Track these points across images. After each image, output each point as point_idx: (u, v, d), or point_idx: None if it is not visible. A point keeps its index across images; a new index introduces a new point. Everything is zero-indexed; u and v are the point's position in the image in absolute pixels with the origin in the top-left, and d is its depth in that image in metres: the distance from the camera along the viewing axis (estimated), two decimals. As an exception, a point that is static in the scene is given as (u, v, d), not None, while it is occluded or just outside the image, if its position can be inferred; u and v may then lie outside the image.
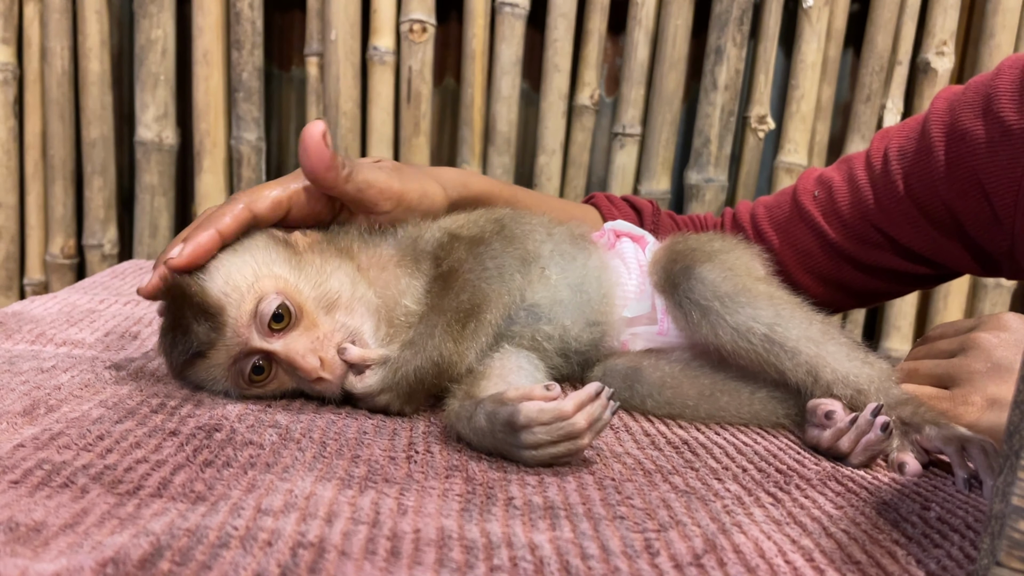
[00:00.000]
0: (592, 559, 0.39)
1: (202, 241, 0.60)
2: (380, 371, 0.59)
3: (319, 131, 0.61)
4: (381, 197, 0.66)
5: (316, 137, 0.61)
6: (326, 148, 0.61)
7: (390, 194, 0.67)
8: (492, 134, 1.54)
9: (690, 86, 1.61)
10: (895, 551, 0.43)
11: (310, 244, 0.63)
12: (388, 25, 1.51)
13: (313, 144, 0.61)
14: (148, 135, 1.52)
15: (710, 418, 0.66)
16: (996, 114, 0.73)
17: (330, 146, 0.62)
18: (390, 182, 0.67)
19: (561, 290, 0.68)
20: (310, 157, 0.61)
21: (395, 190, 0.67)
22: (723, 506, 0.47)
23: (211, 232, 0.60)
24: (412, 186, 0.69)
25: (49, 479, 0.43)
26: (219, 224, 0.61)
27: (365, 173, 0.65)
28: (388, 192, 0.67)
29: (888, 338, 1.65)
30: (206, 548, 0.36)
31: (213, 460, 0.48)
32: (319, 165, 0.62)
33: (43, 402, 0.55)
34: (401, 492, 0.45)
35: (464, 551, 0.38)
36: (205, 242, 0.60)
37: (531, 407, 0.50)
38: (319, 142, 0.61)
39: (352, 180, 0.64)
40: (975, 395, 0.64)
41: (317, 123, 0.61)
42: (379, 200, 0.66)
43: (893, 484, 0.54)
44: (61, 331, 0.76)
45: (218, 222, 0.61)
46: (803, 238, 0.90)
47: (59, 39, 1.50)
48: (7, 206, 1.56)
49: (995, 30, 1.54)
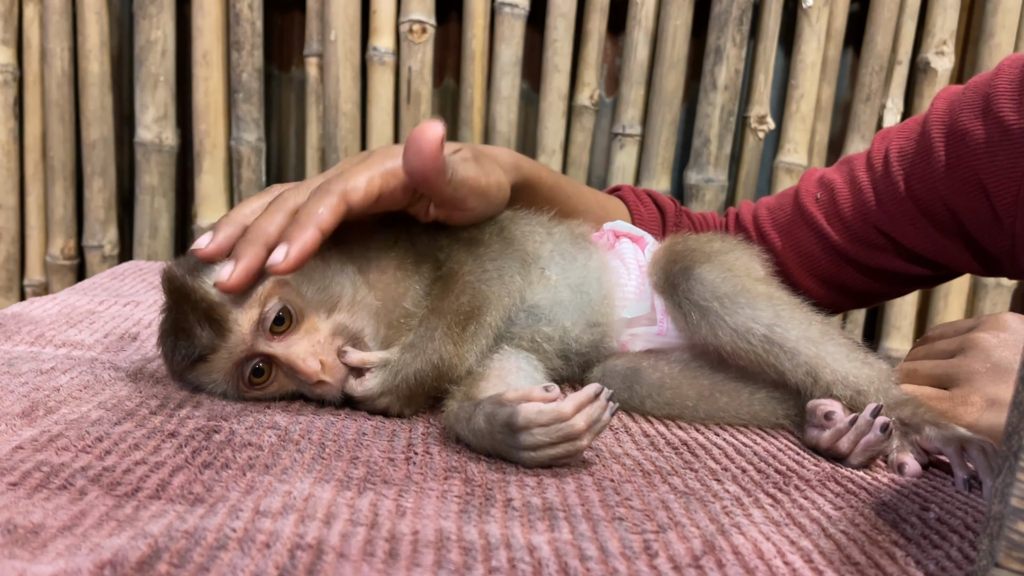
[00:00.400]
0: (591, 560, 0.39)
1: (307, 244, 0.55)
2: (380, 374, 0.59)
3: (438, 136, 0.56)
4: (472, 194, 0.63)
5: (435, 143, 0.56)
6: (442, 154, 0.57)
7: (479, 190, 0.64)
8: (492, 134, 1.55)
9: (690, 86, 1.61)
10: (894, 552, 0.43)
11: (310, 246, 0.63)
12: (388, 26, 1.51)
13: (431, 150, 0.56)
14: (148, 136, 1.53)
15: (709, 419, 0.66)
16: (996, 114, 0.73)
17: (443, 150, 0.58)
18: (479, 178, 0.63)
19: (561, 291, 0.68)
20: (425, 162, 0.57)
21: (483, 185, 0.64)
22: (722, 507, 0.47)
23: (314, 232, 0.56)
24: (492, 179, 0.66)
25: (48, 481, 0.43)
26: (320, 221, 0.56)
27: (461, 172, 0.61)
28: (477, 188, 0.63)
29: (888, 338, 1.65)
30: (204, 550, 0.36)
31: (212, 462, 0.48)
32: (433, 172, 0.57)
33: (42, 404, 0.55)
34: (400, 493, 0.45)
35: (462, 552, 0.38)
36: (310, 245, 0.56)
37: (530, 408, 0.50)
38: (437, 148, 0.57)
39: (453, 181, 0.60)
40: (974, 395, 0.64)
41: (436, 126, 0.56)
42: (469, 197, 0.63)
43: (892, 485, 0.54)
44: (60, 332, 0.76)
45: (318, 219, 0.56)
46: (805, 240, 0.90)
47: (59, 40, 1.51)
48: (7, 207, 1.56)
49: (995, 30, 1.54)
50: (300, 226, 0.56)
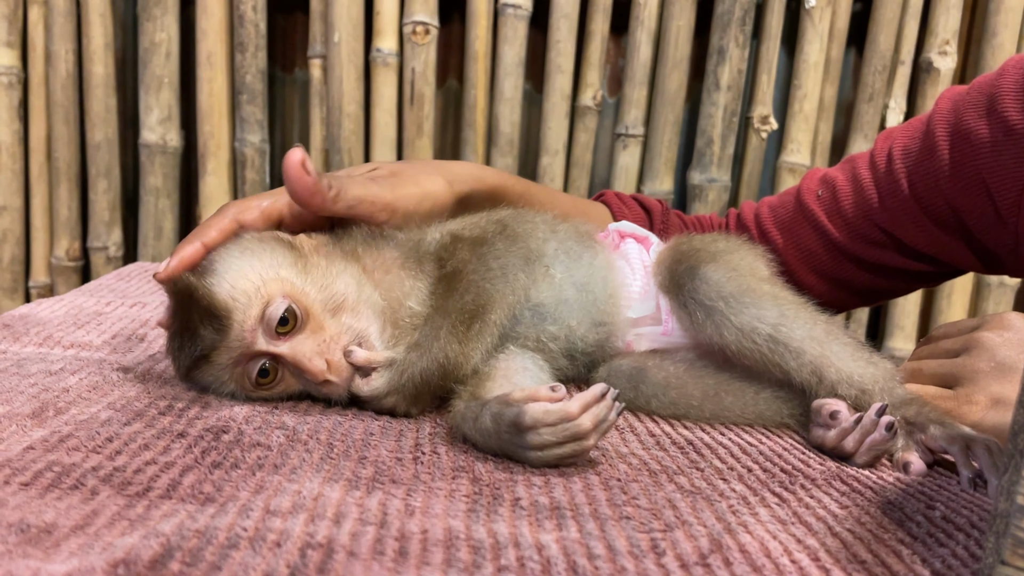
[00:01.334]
0: (598, 559, 0.39)
1: (185, 255, 0.62)
2: (386, 373, 0.60)
3: (297, 159, 0.61)
4: (374, 209, 0.66)
5: (296, 165, 0.60)
6: (307, 175, 0.61)
7: (381, 206, 0.66)
8: (495, 135, 1.55)
9: (693, 86, 1.61)
10: (900, 550, 0.43)
11: (316, 247, 0.64)
12: (391, 27, 1.51)
13: (294, 172, 0.61)
14: (152, 138, 1.53)
15: (715, 418, 0.66)
16: (1000, 114, 0.73)
17: (311, 172, 0.61)
18: (381, 194, 0.66)
19: (566, 289, 0.68)
20: (293, 185, 0.61)
21: (387, 201, 0.67)
22: (728, 506, 0.47)
23: (196, 245, 0.63)
24: (407, 191, 0.68)
25: (59, 481, 0.43)
26: (204, 237, 0.63)
27: (355, 190, 0.65)
28: (379, 204, 0.66)
29: (892, 337, 1.65)
30: (216, 549, 0.37)
31: (221, 462, 0.48)
32: (303, 193, 0.62)
33: (52, 404, 0.56)
34: (408, 493, 0.45)
35: (471, 551, 0.39)
36: (189, 257, 0.62)
37: (536, 408, 0.50)
38: (299, 170, 0.60)
39: (341, 199, 0.64)
40: (979, 394, 0.64)
41: (295, 151, 0.61)
42: (373, 212, 0.66)
43: (898, 483, 0.54)
44: (68, 334, 0.76)
45: (204, 235, 0.63)
46: (807, 238, 0.90)
47: (63, 42, 1.51)
48: (12, 209, 1.57)
49: (997, 29, 1.54)
50: (185, 242, 0.64)
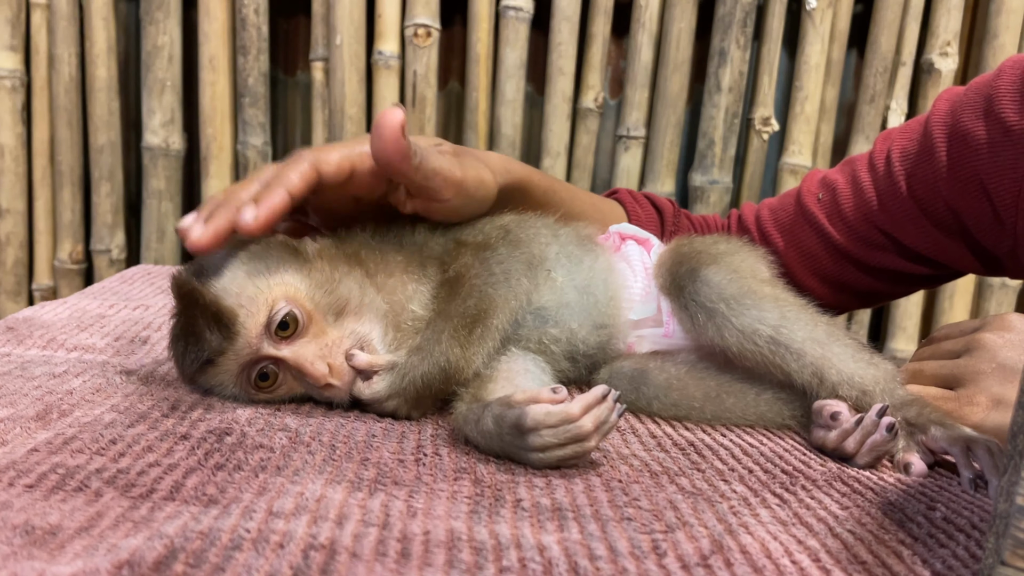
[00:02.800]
0: (600, 560, 0.39)
1: (276, 204, 0.57)
2: (388, 377, 0.60)
3: (398, 121, 0.58)
4: (445, 185, 0.65)
5: (395, 127, 0.58)
6: (404, 138, 0.59)
7: (453, 182, 0.65)
8: (497, 137, 1.55)
9: (694, 88, 1.61)
10: (901, 551, 0.43)
11: (319, 251, 0.64)
12: (393, 30, 1.52)
13: (391, 134, 0.58)
14: (155, 141, 1.53)
15: (716, 420, 0.66)
16: (997, 115, 0.73)
17: (407, 135, 0.59)
18: (454, 170, 0.65)
19: (568, 292, 0.68)
20: (386, 146, 0.58)
21: (458, 178, 0.65)
22: (729, 507, 0.47)
23: (282, 193, 0.58)
24: (471, 174, 0.67)
25: (63, 483, 0.43)
26: (289, 184, 0.58)
27: (433, 161, 0.63)
28: (452, 180, 0.65)
29: (894, 339, 1.65)
30: (219, 550, 0.37)
31: (224, 463, 0.48)
32: (395, 155, 0.59)
33: (56, 407, 0.56)
34: (410, 494, 0.46)
35: (474, 552, 0.39)
36: (279, 205, 0.57)
37: (538, 410, 0.51)
38: (397, 132, 0.58)
39: (421, 169, 0.62)
40: (980, 396, 0.64)
41: (396, 111, 0.58)
42: (443, 188, 0.65)
43: (899, 484, 0.54)
44: (72, 336, 0.76)
45: (287, 182, 0.58)
46: (807, 240, 0.90)
47: (66, 46, 1.51)
48: (15, 212, 1.57)
49: (999, 30, 1.54)
50: (270, 189, 0.58)
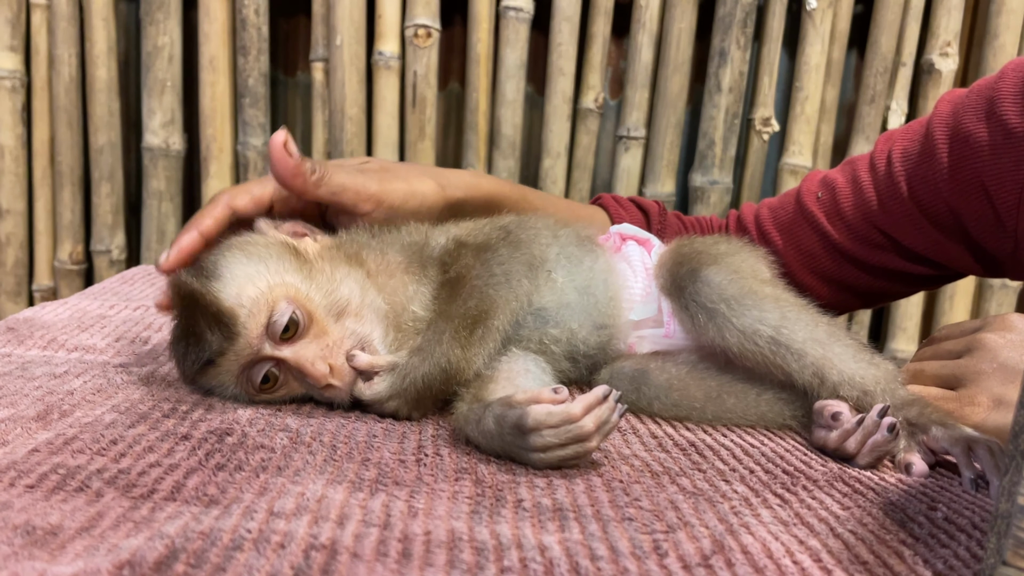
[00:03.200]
0: (601, 560, 0.39)
1: (184, 245, 0.64)
2: (388, 377, 0.60)
3: (280, 140, 0.63)
4: (358, 199, 0.67)
5: (278, 146, 0.63)
6: (288, 156, 0.63)
7: (366, 196, 0.67)
8: (497, 138, 1.55)
9: (694, 89, 1.61)
10: (902, 551, 0.43)
11: (320, 251, 0.64)
12: (393, 30, 1.52)
13: (276, 153, 0.63)
14: (155, 141, 1.53)
15: (717, 420, 0.66)
16: (999, 117, 0.73)
17: (294, 154, 0.63)
18: (367, 184, 0.67)
19: (568, 293, 0.68)
20: (275, 166, 0.64)
21: (371, 192, 0.68)
22: (731, 507, 0.47)
23: (192, 234, 0.65)
24: (394, 187, 0.69)
25: (64, 483, 0.43)
26: (200, 226, 0.65)
27: (340, 177, 0.66)
28: (364, 194, 0.67)
29: (894, 339, 1.65)
30: (220, 550, 0.37)
31: (225, 464, 0.48)
32: (284, 173, 0.64)
33: (56, 407, 0.56)
34: (411, 495, 0.46)
35: (475, 552, 0.39)
36: (187, 245, 0.64)
37: (539, 410, 0.51)
38: (280, 151, 0.63)
39: (325, 184, 0.65)
40: (981, 396, 0.64)
41: (279, 133, 0.64)
42: (357, 202, 0.67)
43: (900, 485, 0.54)
44: (72, 337, 0.76)
45: (199, 224, 0.65)
46: (807, 239, 0.90)
47: (66, 46, 1.51)
48: (16, 212, 1.57)
49: (999, 31, 1.54)
50: (184, 231, 0.65)
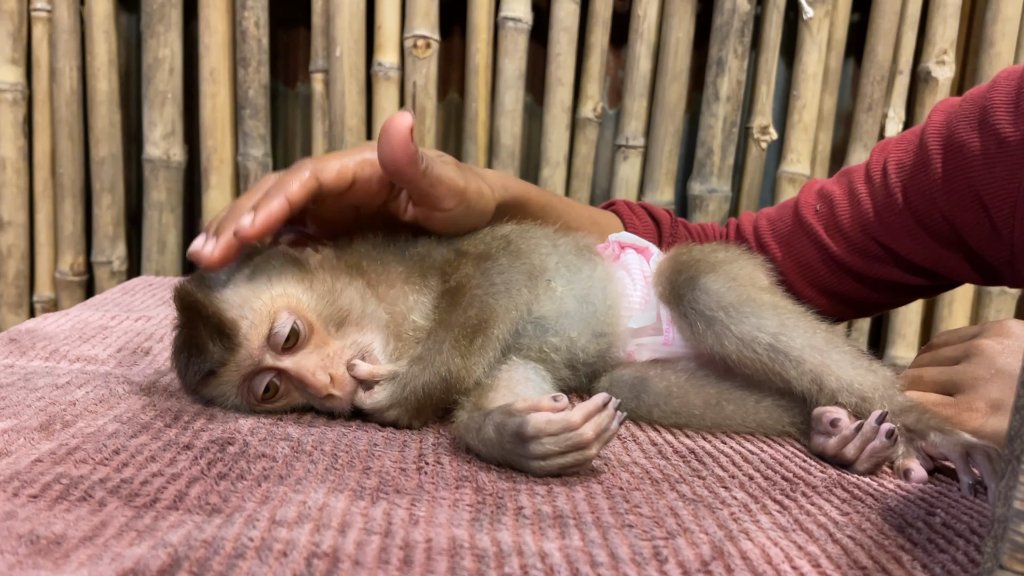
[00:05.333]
0: (602, 566, 0.39)
1: (273, 211, 0.58)
2: (389, 387, 0.60)
3: (407, 125, 0.59)
4: (448, 194, 0.65)
5: (404, 131, 0.59)
6: (412, 143, 0.59)
7: (456, 191, 0.66)
8: (496, 147, 1.56)
9: (692, 97, 1.62)
10: (900, 556, 0.43)
11: (321, 261, 0.64)
12: (392, 41, 1.52)
13: (399, 138, 0.59)
14: (156, 153, 1.54)
15: (716, 427, 0.66)
16: (992, 126, 0.73)
17: (415, 140, 0.60)
18: (457, 179, 0.66)
19: (567, 302, 0.68)
20: (394, 149, 0.59)
21: (460, 187, 0.66)
22: (730, 513, 0.48)
23: (281, 200, 0.59)
24: (473, 185, 0.68)
25: (67, 493, 0.44)
26: (288, 192, 0.59)
27: (437, 169, 0.64)
28: (455, 189, 0.65)
29: (893, 346, 1.65)
30: (223, 559, 0.37)
31: (227, 473, 0.48)
32: (403, 159, 0.60)
33: (59, 417, 0.56)
34: (412, 503, 0.46)
35: (476, 560, 0.39)
36: (276, 211, 0.59)
37: (539, 418, 0.51)
38: (406, 136, 0.59)
39: (427, 175, 0.62)
40: (979, 401, 0.65)
41: (405, 115, 0.59)
42: (446, 196, 0.65)
43: (898, 490, 0.55)
44: (74, 347, 0.77)
45: (287, 189, 0.59)
46: (805, 251, 0.91)
47: (67, 59, 1.52)
48: (17, 224, 1.58)
49: (995, 39, 1.55)
50: (269, 196, 0.59)
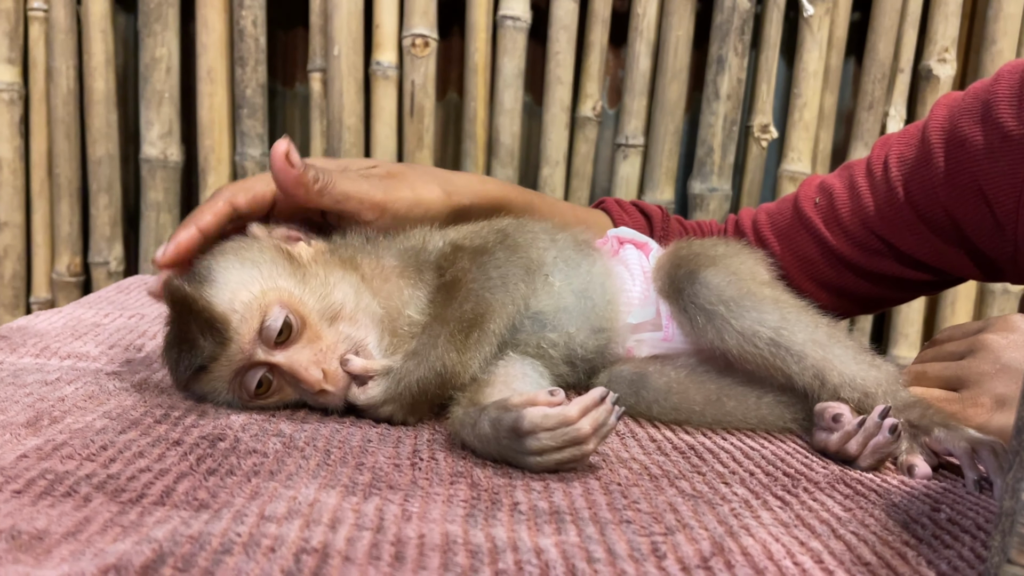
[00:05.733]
0: (598, 563, 0.38)
1: (182, 240, 0.63)
2: (383, 382, 0.59)
3: (282, 150, 0.62)
4: (362, 208, 0.66)
5: (280, 156, 0.62)
6: (290, 167, 0.62)
7: (371, 205, 0.66)
8: (495, 147, 1.55)
9: (692, 96, 1.61)
10: (905, 552, 0.42)
11: (314, 255, 0.63)
12: (390, 40, 1.52)
13: (278, 163, 0.62)
14: (153, 152, 1.53)
15: (717, 423, 0.65)
16: (995, 120, 0.73)
17: (296, 163, 0.62)
18: (372, 193, 0.66)
19: (565, 297, 0.68)
20: (276, 175, 0.62)
21: (376, 200, 0.66)
22: (730, 509, 0.47)
23: (191, 230, 0.63)
24: (400, 195, 0.68)
25: (52, 488, 0.43)
26: (199, 221, 0.63)
27: (343, 185, 0.65)
28: (369, 203, 0.66)
29: (896, 345, 1.64)
30: (209, 554, 0.36)
31: (217, 468, 0.47)
32: (286, 183, 0.62)
33: (47, 413, 0.55)
34: (406, 498, 0.45)
35: (469, 556, 0.38)
36: (185, 241, 0.63)
37: (535, 413, 0.50)
38: (282, 160, 0.62)
39: (328, 193, 0.64)
40: (984, 396, 0.64)
41: (280, 142, 0.62)
42: (360, 211, 0.66)
43: (902, 486, 0.54)
44: (66, 344, 0.76)
45: (199, 219, 0.63)
46: (805, 245, 0.90)
47: (64, 58, 1.52)
48: (13, 225, 1.57)
49: (996, 36, 1.54)
50: (182, 226, 0.64)
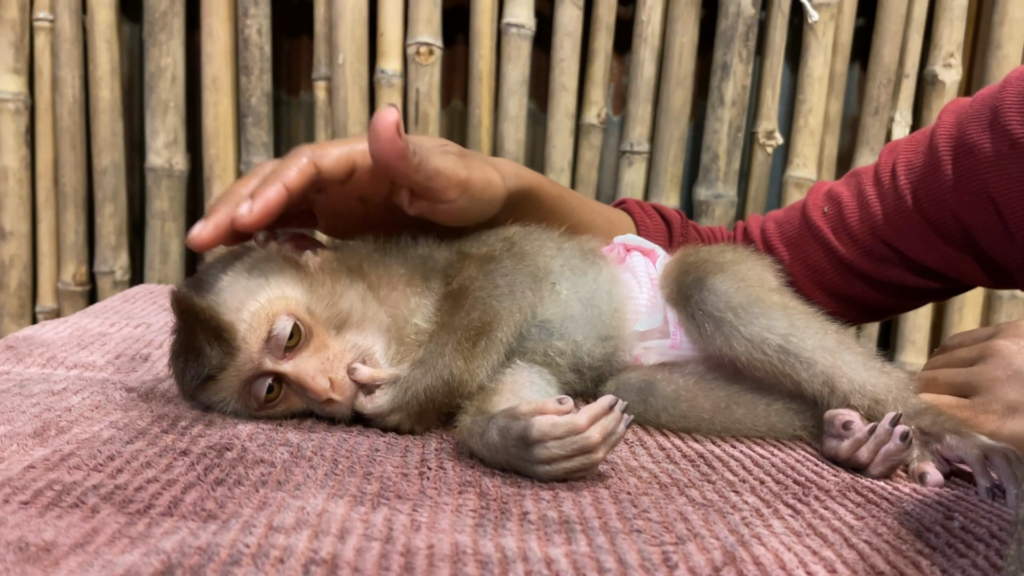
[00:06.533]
0: (609, 573, 0.38)
1: (271, 197, 0.57)
2: (390, 391, 0.59)
3: (393, 120, 0.57)
4: (448, 185, 0.63)
5: (390, 126, 0.57)
6: (399, 138, 0.57)
7: (457, 182, 0.63)
8: (500, 154, 1.55)
9: (697, 103, 1.61)
10: (919, 561, 0.42)
11: (321, 264, 0.63)
12: (395, 48, 1.52)
13: (387, 134, 0.57)
14: (158, 161, 1.54)
15: (726, 431, 0.65)
16: (1003, 127, 0.72)
17: (403, 136, 0.58)
18: (457, 170, 0.63)
19: (572, 305, 0.67)
20: (383, 145, 0.57)
21: (462, 178, 0.64)
22: (742, 518, 0.46)
23: (279, 187, 0.57)
24: (477, 174, 0.65)
25: (59, 499, 0.42)
26: (286, 178, 0.58)
27: (434, 161, 0.61)
28: (455, 180, 0.63)
29: (903, 352, 1.63)
30: (217, 565, 0.36)
31: (224, 479, 0.47)
32: (392, 155, 0.58)
33: (54, 424, 0.55)
34: (414, 508, 0.45)
35: (479, 566, 0.38)
36: (274, 199, 0.57)
37: (544, 421, 0.50)
38: (392, 131, 0.57)
39: (421, 169, 0.60)
40: (995, 403, 0.63)
41: (391, 110, 0.57)
42: (446, 188, 0.63)
43: (914, 494, 0.53)
44: (72, 354, 0.76)
45: (284, 176, 0.58)
46: (813, 254, 0.89)
47: (70, 68, 1.52)
48: (19, 234, 1.57)
49: (1002, 41, 1.53)
50: (267, 184, 0.58)
